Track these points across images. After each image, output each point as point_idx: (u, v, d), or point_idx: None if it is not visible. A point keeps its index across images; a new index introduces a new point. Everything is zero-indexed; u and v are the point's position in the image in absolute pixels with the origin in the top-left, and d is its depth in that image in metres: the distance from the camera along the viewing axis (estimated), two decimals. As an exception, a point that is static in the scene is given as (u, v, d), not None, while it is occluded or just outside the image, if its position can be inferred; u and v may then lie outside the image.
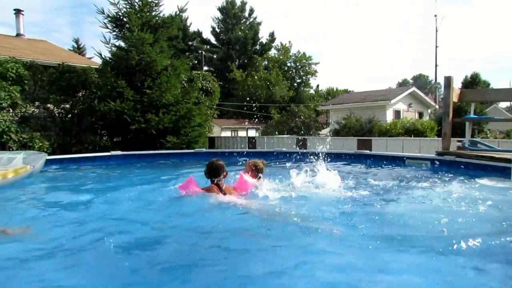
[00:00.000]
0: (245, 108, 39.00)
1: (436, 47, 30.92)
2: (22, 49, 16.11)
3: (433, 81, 38.01)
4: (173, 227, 3.40)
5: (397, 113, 25.63)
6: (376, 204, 4.07)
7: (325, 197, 4.30)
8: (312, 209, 3.76)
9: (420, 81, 67.21)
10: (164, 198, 4.28)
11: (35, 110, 12.09)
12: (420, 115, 27.73)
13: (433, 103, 29.12)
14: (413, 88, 27.99)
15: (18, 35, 19.40)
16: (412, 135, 18.59)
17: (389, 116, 24.67)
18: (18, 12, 19.24)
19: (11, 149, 10.10)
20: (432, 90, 44.86)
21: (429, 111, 28.98)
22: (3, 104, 10.42)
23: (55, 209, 4.18)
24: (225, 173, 4.07)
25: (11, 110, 11.00)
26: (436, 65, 31.40)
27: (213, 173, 4.02)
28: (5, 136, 10.10)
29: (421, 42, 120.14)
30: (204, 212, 3.66)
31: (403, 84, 64.10)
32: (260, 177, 4.78)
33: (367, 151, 9.55)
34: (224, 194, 3.98)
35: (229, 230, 3.23)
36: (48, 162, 7.13)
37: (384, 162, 7.86)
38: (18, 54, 13.63)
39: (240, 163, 5.76)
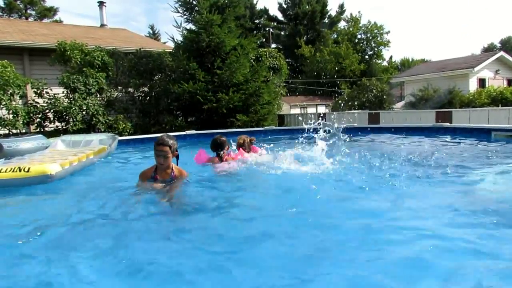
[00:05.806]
0: (314, 84, 38.23)
1: (531, 4, 27.26)
2: (105, 38, 17.40)
3: (526, 43, 33.68)
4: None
5: (481, 82, 23.39)
6: (458, 183, 3.84)
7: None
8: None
9: (510, 44, 60.11)
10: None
11: (118, 94, 13.04)
12: (509, 82, 24.99)
13: (525, 68, 25.97)
14: (501, 53, 25.18)
15: (102, 25, 21.02)
16: (500, 105, 16.89)
17: (473, 85, 22.62)
18: (101, 4, 20.83)
19: (99, 130, 11.11)
20: (524, 54, 39.88)
21: (520, 77, 25.96)
22: (92, 90, 11.46)
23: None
24: (226, 147, 4.72)
25: (98, 95, 12.03)
26: (530, 26, 27.74)
27: (214, 147, 4.68)
28: (94, 119, 11.12)
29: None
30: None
31: (489, 50, 57.85)
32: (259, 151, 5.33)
33: (447, 124, 8.97)
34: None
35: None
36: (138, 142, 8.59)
37: (467, 135, 7.34)
38: (103, 43, 14.74)
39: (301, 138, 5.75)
